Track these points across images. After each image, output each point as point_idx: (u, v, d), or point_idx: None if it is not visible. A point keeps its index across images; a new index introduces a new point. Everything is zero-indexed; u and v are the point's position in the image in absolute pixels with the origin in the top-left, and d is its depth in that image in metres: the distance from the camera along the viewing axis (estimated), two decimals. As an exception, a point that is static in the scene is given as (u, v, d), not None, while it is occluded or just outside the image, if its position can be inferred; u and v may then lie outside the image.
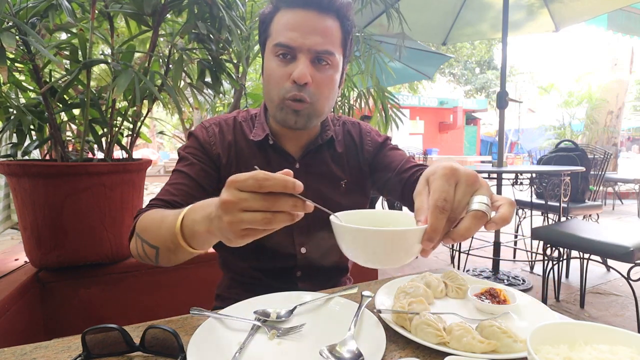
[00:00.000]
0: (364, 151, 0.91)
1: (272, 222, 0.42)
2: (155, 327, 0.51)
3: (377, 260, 0.47)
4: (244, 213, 0.41)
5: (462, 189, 0.45)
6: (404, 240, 0.44)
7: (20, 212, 1.21)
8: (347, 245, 0.48)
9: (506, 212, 0.45)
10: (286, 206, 0.42)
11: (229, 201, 0.41)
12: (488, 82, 19.16)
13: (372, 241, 0.45)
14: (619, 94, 7.60)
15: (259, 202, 0.41)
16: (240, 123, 0.87)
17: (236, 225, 0.42)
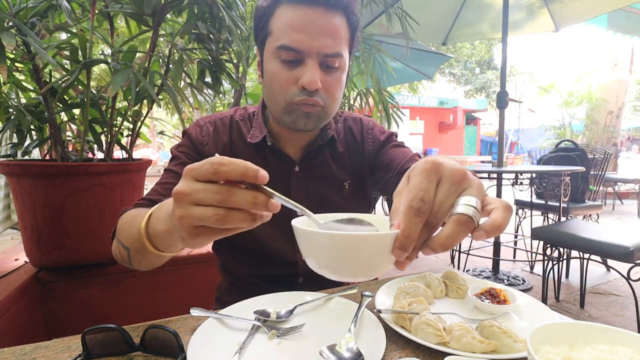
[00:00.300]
0: (365, 150, 0.86)
1: (225, 221, 0.35)
2: (155, 327, 0.51)
3: (338, 271, 0.39)
4: (195, 207, 0.35)
5: (445, 187, 0.37)
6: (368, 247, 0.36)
7: (20, 212, 1.21)
8: (304, 252, 0.41)
9: (499, 218, 0.36)
10: (243, 201, 0.35)
11: (181, 192, 0.36)
12: (488, 82, 19.16)
13: (329, 247, 0.37)
14: (619, 94, 7.60)
15: (211, 195, 0.35)
16: (238, 122, 0.83)
17: (186, 220, 0.36)
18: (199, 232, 0.37)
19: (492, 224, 0.36)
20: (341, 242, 0.36)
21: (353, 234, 0.37)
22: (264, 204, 0.36)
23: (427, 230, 0.37)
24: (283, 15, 0.67)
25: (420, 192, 0.36)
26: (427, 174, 0.37)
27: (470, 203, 0.36)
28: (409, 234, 0.35)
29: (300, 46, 0.66)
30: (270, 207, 0.36)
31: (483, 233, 0.36)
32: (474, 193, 0.37)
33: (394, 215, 0.38)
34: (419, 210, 0.35)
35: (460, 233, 0.36)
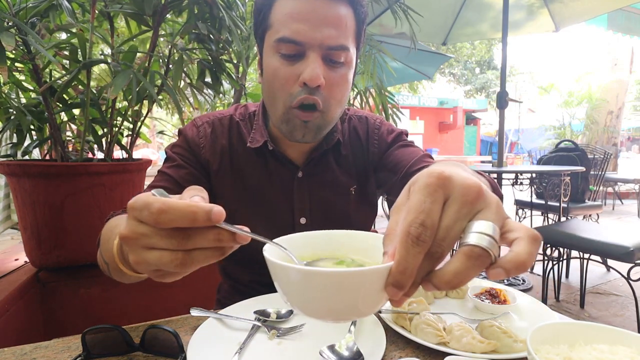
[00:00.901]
0: (369, 152, 0.80)
1: (187, 264, 0.31)
2: (155, 327, 0.51)
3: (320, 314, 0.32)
4: (148, 252, 0.31)
5: (454, 208, 0.29)
6: (354, 285, 0.29)
7: (20, 212, 1.21)
8: (279, 288, 0.34)
9: (523, 253, 0.28)
10: (204, 241, 0.30)
11: (127, 237, 0.31)
12: (488, 82, 19.16)
13: (307, 285, 0.31)
14: (619, 94, 7.60)
15: (163, 240, 0.30)
16: (238, 123, 0.78)
17: (144, 267, 0.32)
18: (164, 274, 0.34)
19: (515, 260, 0.28)
20: (321, 280, 0.29)
21: (335, 270, 0.29)
22: (230, 239, 0.31)
23: (429, 261, 0.29)
24: (283, 6, 0.62)
25: (421, 215, 0.28)
26: (431, 190, 0.29)
27: (486, 231, 0.28)
28: (406, 268, 0.28)
29: (300, 37, 0.60)
30: (239, 239, 0.32)
31: (501, 272, 0.28)
32: (492, 217, 0.29)
33: (388, 239, 0.31)
34: (419, 238, 0.27)
35: (471, 269, 0.27)
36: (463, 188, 0.29)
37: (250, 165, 0.76)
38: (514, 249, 0.28)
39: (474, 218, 0.29)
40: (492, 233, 0.28)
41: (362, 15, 0.66)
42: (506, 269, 0.28)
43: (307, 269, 0.30)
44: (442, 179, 0.29)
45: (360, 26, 0.67)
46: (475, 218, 0.29)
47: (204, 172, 0.75)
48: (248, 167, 0.76)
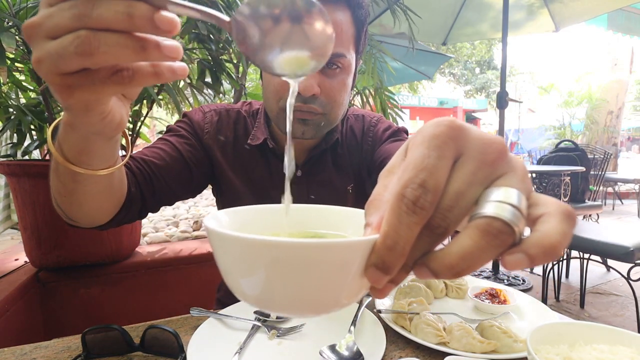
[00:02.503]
0: (362, 150, 0.80)
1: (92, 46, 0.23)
2: (155, 327, 0.51)
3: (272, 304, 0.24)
4: (49, 41, 0.25)
5: (468, 169, 0.21)
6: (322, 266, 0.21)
7: (20, 212, 1.21)
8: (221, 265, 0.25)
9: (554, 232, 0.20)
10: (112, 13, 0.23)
11: (30, 24, 0.25)
12: (488, 82, 19.16)
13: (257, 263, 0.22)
14: (619, 94, 7.60)
15: (65, 12, 0.24)
16: (245, 118, 0.78)
17: (46, 66, 0.25)
18: (73, 82, 0.26)
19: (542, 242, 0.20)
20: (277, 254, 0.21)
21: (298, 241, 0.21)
22: (145, 17, 0.23)
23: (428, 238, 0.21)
24: None
25: (422, 173, 0.20)
26: (438, 142, 0.21)
27: (510, 200, 0.20)
28: (396, 242, 0.20)
29: None
30: (159, 21, 0.23)
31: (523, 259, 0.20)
32: (516, 184, 0.21)
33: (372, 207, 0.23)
34: (416, 203, 0.20)
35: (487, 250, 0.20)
36: (481, 144, 0.22)
37: (253, 161, 0.76)
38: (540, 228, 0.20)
39: (492, 184, 0.21)
40: (517, 203, 0.20)
41: (361, 17, 0.65)
42: (530, 256, 0.19)
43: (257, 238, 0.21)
44: (454, 128, 0.21)
45: (360, 28, 0.66)
46: (494, 184, 0.21)
47: (205, 154, 0.75)
48: (251, 163, 0.76)
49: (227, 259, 0.24)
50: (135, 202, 0.61)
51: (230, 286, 0.25)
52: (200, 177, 0.75)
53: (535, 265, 0.20)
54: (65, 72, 0.26)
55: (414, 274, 0.22)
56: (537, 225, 0.21)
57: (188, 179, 0.72)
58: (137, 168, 0.63)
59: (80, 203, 0.49)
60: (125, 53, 0.24)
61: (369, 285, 0.23)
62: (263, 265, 0.21)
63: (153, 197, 0.65)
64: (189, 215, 2.19)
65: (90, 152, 0.40)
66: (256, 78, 3.00)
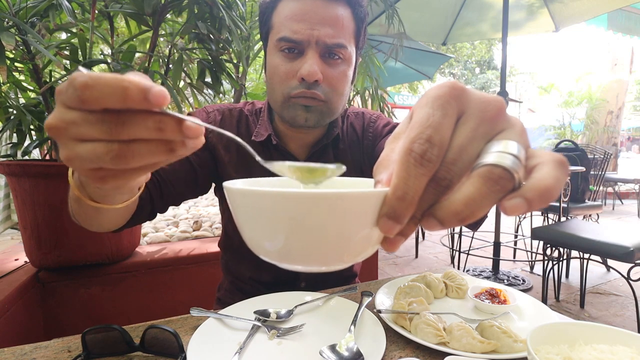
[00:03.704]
0: (363, 145, 0.82)
1: (127, 158, 0.25)
2: (155, 327, 0.51)
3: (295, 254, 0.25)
4: (79, 144, 0.25)
5: (470, 125, 0.23)
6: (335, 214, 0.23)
7: (20, 212, 1.21)
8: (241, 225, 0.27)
9: (548, 177, 0.22)
10: (143, 129, 0.24)
11: (53, 126, 0.25)
12: (488, 82, 19.16)
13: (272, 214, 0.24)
14: (619, 94, 7.61)
15: (93, 127, 0.24)
16: (247, 117, 0.81)
17: (77, 163, 0.26)
18: (104, 174, 0.27)
19: (538, 186, 0.21)
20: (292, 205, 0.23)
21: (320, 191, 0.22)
22: (174, 129, 0.25)
23: (434, 190, 0.23)
24: (284, 7, 0.66)
25: (428, 129, 0.22)
26: (442, 101, 0.23)
27: (510, 150, 0.22)
28: (405, 193, 0.22)
29: (299, 36, 0.63)
30: (186, 130, 0.25)
31: (521, 202, 0.21)
32: (515, 138, 0.23)
33: (381, 167, 0.25)
34: (424, 156, 0.22)
35: (489, 195, 0.21)
36: (482, 102, 0.24)
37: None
38: (535, 174, 0.22)
39: (493, 139, 0.23)
40: (516, 153, 0.22)
41: (361, 14, 0.69)
42: (528, 199, 0.21)
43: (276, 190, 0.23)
44: (457, 88, 0.23)
45: (360, 25, 0.70)
46: (494, 139, 0.23)
47: (209, 154, 0.77)
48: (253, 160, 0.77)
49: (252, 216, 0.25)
50: (145, 206, 0.65)
51: (253, 244, 0.27)
52: (205, 177, 0.78)
53: (532, 209, 0.22)
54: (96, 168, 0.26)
55: (423, 226, 0.24)
56: (533, 173, 0.22)
57: (193, 180, 0.75)
58: None
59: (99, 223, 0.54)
60: (157, 157, 0.26)
61: (381, 237, 0.25)
62: (288, 217, 0.23)
63: (161, 200, 0.69)
64: (189, 215, 2.19)
65: (113, 197, 0.43)
66: (256, 78, 3.00)
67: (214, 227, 1.92)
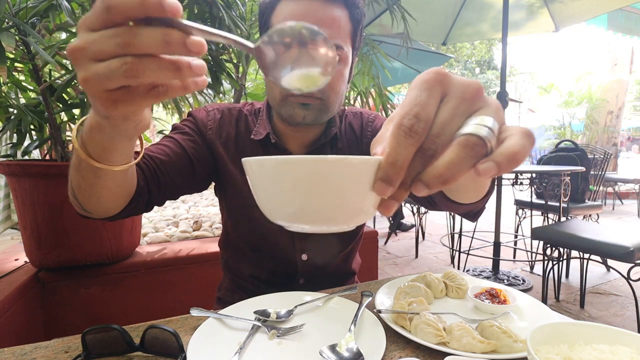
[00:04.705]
0: (363, 144, 0.84)
1: (138, 71, 0.28)
2: (155, 327, 0.51)
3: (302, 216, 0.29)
4: (96, 63, 0.28)
5: (451, 104, 0.27)
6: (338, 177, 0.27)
7: (20, 212, 1.21)
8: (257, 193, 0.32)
9: (515, 144, 0.26)
10: (151, 41, 0.27)
11: (74, 47, 0.28)
12: (488, 82, 19.16)
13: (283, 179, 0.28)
14: (619, 94, 7.60)
15: (109, 41, 0.27)
16: (246, 116, 0.83)
17: (93, 83, 0.29)
18: (117, 97, 0.30)
19: (506, 151, 0.26)
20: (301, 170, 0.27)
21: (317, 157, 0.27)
22: (179, 42, 0.27)
23: (421, 159, 0.27)
24: (283, 9, 0.68)
25: (415, 107, 0.26)
26: (428, 85, 0.27)
27: (484, 122, 0.26)
28: (396, 159, 0.26)
29: None
30: (190, 45, 0.27)
31: (492, 165, 0.25)
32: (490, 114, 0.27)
33: (377, 143, 0.29)
34: (412, 129, 0.26)
35: (466, 159, 0.25)
36: (462, 85, 0.28)
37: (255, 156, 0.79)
38: (505, 143, 0.26)
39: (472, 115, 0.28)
40: (490, 125, 0.26)
41: (357, 16, 0.71)
42: (497, 162, 0.25)
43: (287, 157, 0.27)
44: (440, 74, 0.28)
45: (357, 26, 0.72)
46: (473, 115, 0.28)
47: (208, 149, 0.79)
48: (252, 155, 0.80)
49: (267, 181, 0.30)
50: (142, 195, 0.65)
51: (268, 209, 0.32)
52: (203, 172, 0.79)
53: (502, 172, 0.26)
54: (111, 89, 0.30)
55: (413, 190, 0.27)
56: (503, 142, 0.27)
57: (191, 173, 0.76)
58: (144, 164, 0.67)
59: (98, 196, 0.54)
60: (164, 74, 0.28)
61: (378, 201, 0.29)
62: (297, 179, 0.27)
63: (159, 191, 0.70)
64: (189, 215, 2.19)
65: (113, 151, 0.44)
66: (256, 78, 3.00)
67: (214, 227, 1.92)
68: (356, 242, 0.90)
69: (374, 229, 2.01)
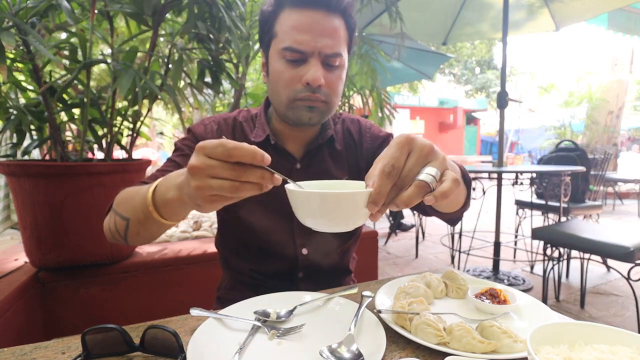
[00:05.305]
0: (362, 148, 0.90)
1: (240, 191, 0.43)
2: (155, 327, 0.51)
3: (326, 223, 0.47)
4: (212, 179, 0.42)
5: (414, 158, 0.44)
6: (349, 202, 0.45)
7: (20, 212, 1.21)
8: (297, 210, 0.49)
9: (445, 187, 0.43)
10: (254, 177, 0.42)
11: (197, 167, 0.42)
12: (488, 82, 19.15)
13: (319, 203, 0.46)
14: (619, 94, 7.60)
15: (227, 171, 0.42)
16: (241, 123, 0.87)
17: (204, 190, 0.43)
18: (215, 199, 0.44)
19: (439, 191, 0.43)
20: (329, 199, 0.45)
21: (337, 192, 0.44)
22: (270, 179, 0.43)
23: (395, 190, 0.44)
24: (287, 18, 0.72)
25: (392, 160, 0.44)
26: (400, 146, 0.44)
27: (431, 173, 0.44)
28: (380, 191, 0.43)
29: (304, 47, 0.71)
30: (275, 181, 0.44)
31: (432, 198, 0.43)
32: (437, 165, 0.45)
33: (369, 177, 0.45)
34: (389, 174, 0.43)
35: (418, 195, 0.43)
36: (421, 145, 0.45)
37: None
38: (441, 185, 0.44)
39: (426, 165, 0.45)
40: (434, 175, 0.44)
41: (352, 25, 0.78)
42: (435, 196, 0.43)
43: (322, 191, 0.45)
44: (409, 138, 0.45)
45: (351, 34, 0.79)
46: (427, 165, 0.45)
47: None
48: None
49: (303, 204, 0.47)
50: None
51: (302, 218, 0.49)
52: None
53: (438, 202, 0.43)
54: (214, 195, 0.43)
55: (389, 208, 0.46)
56: (441, 184, 0.44)
57: None
58: None
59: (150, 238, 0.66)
60: (253, 192, 0.44)
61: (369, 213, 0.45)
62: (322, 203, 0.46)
63: None
64: (189, 215, 2.19)
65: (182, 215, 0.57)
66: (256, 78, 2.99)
67: (213, 227, 1.92)
68: (353, 241, 0.94)
69: (374, 229, 2.01)
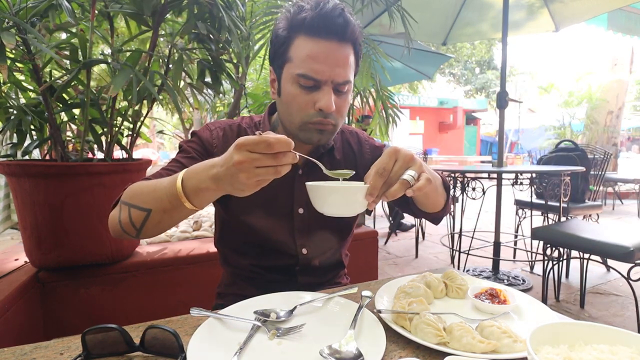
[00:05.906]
0: (363, 157, 0.95)
1: (281, 172, 0.53)
2: (155, 327, 0.51)
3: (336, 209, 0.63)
4: (258, 169, 0.52)
5: (399, 163, 0.61)
6: (352, 193, 0.61)
7: (20, 212, 1.21)
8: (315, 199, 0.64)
9: (421, 184, 0.60)
10: (289, 160, 0.53)
11: (244, 161, 0.51)
12: (488, 82, 19.16)
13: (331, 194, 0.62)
14: (619, 94, 7.60)
15: (270, 161, 0.51)
16: (245, 130, 0.89)
17: (251, 178, 0.52)
18: (260, 183, 0.54)
19: (417, 186, 0.60)
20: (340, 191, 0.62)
21: (345, 185, 0.65)
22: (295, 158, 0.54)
23: (385, 186, 0.61)
24: (302, 46, 0.75)
25: (383, 164, 0.61)
26: (389, 155, 0.62)
27: (411, 174, 0.61)
28: (374, 186, 0.60)
29: (319, 76, 0.75)
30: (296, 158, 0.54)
31: (411, 191, 0.59)
32: (416, 169, 0.62)
33: (367, 177, 0.62)
34: (381, 174, 0.61)
35: (401, 189, 0.60)
36: (404, 155, 0.62)
37: None
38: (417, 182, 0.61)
39: (408, 168, 0.62)
40: (413, 175, 0.61)
41: (359, 51, 0.83)
42: (413, 189, 0.59)
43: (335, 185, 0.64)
44: (396, 150, 0.62)
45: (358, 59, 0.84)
46: (409, 168, 0.62)
47: None
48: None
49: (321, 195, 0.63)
50: None
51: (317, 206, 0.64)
52: None
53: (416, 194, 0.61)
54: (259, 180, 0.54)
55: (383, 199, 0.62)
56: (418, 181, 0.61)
57: None
58: None
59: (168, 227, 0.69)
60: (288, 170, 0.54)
61: (366, 203, 0.61)
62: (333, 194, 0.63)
63: None
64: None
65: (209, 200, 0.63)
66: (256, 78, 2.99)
67: (213, 227, 1.92)
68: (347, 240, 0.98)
69: (374, 229, 2.01)
